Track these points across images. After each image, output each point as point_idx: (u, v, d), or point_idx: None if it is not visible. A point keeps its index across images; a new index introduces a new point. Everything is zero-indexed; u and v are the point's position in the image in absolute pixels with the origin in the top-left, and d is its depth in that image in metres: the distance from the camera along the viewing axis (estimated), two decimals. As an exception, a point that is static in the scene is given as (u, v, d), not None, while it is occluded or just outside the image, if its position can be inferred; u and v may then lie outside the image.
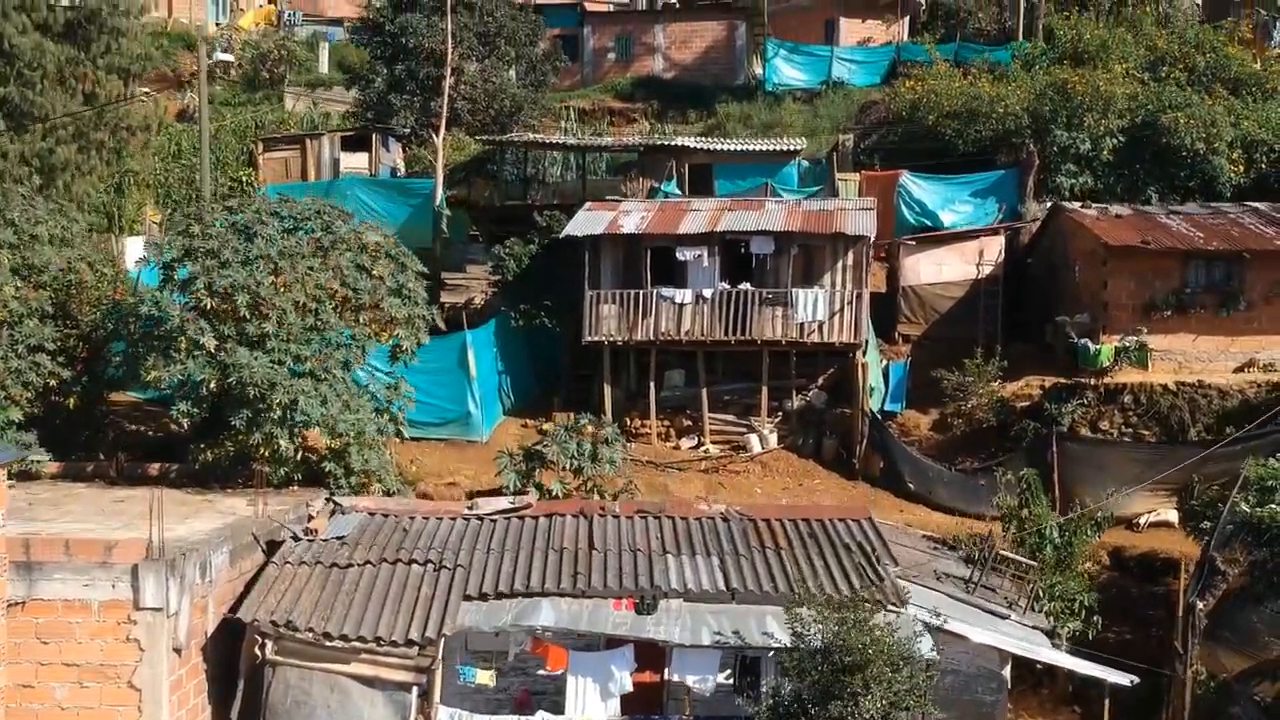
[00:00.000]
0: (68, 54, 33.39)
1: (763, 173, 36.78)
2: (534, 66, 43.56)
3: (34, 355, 21.92)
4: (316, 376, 21.13)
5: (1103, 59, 37.51)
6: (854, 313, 26.81)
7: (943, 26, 57.64)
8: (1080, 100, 33.46)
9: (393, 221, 37.06)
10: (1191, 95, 33.98)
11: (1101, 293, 26.86)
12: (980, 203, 34.19)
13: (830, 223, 27.04)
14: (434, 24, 40.08)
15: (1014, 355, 28.92)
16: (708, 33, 53.80)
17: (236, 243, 21.50)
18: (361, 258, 22.75)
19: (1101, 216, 28.42)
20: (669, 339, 27.29)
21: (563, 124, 44.41)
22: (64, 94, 33.49)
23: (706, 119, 49.54)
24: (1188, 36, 38.12)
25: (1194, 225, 27.50)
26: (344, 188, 37.60)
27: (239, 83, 58.30)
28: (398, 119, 40.30)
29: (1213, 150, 32.78)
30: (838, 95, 49.54)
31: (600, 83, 53.67)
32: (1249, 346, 26.51)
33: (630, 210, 28.88)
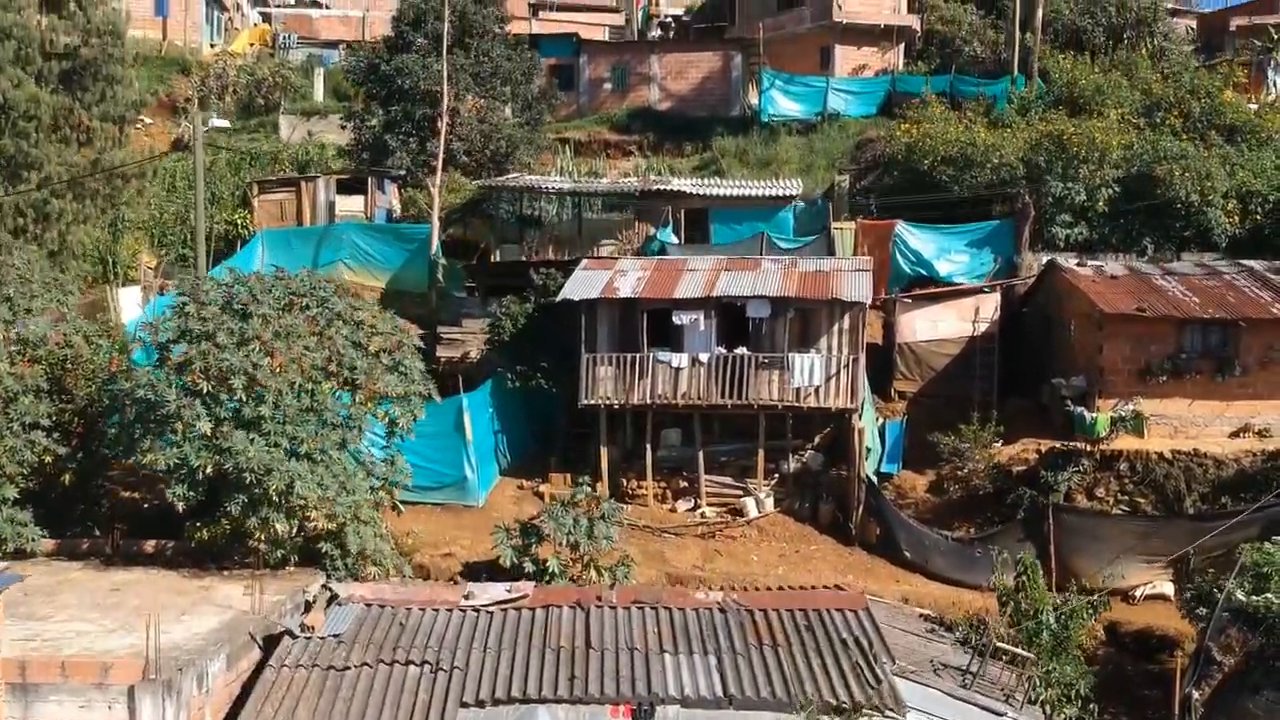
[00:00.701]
0: (62, 104, 33.37)
1: (759, 217, 36.85)
2: (530, 105, 43.53)
3: (29, 433, 21.92)
4: (313, 459, 21.08)
5: (1098, 103, 37.55)
6: (850, 377, 26.84)
7: (938, 55, 57.67)
8: (1076, 151, 33.49)
9: (389, 266, 37.37)
10: (1187, 145, 34.01)
11: (1097, 357, 26.90)
12: (976, 253, 34.25)
13: (827, 287, 27.05)
14: (429, 65, 40.07)
15: (1010, 414, 29.02)
16: (704, 63, 53.84)
17: (232, 323, 21.45)
18: (358, 334, 22.69)
19: (1097, 277, 28.45)
20: (666, 402, 27.31)
21: (559, 161, 44.35)
22: (59, 144, 33.47)
23: (702, 152, 49.63)
24: (1183, 80, 38.10)
25: (1190, 289, 27.53)
26: (339, 232, 37.71)
27: (234, 111, 58.32)
28: (393, 159, 40.27)
29: (1207, 202, 32.91)
30: (833, 128, 49.63)
31: (596, 113, 53.68)
32: (1244, 411, 26.57)
33: (626, 270, 28.87)
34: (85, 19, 33.23)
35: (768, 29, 60.49)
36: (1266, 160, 34.76)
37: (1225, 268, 29.43)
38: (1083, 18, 49.40)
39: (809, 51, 59.00)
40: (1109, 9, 49.30)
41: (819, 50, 58.86)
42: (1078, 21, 49.36)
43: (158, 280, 37.37)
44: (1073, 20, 49.40)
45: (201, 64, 61.57)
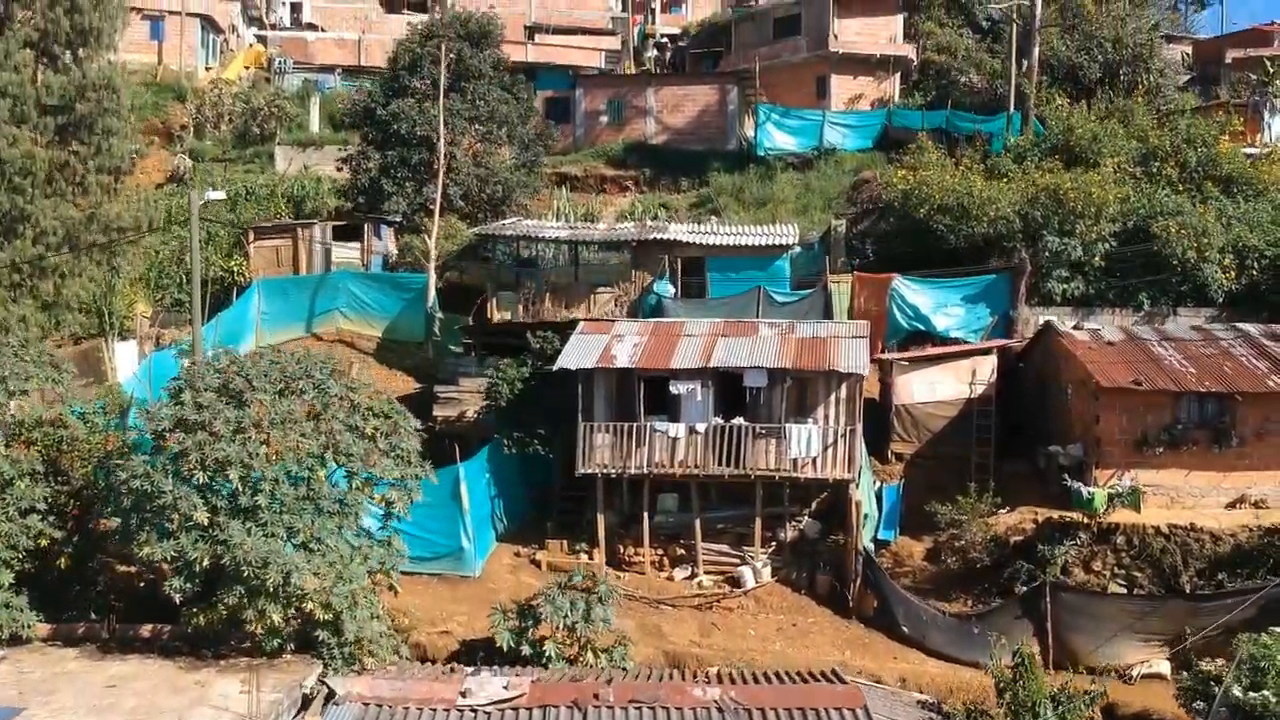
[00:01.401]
0: (58, 158, 33.29)
1: (756, 265, 36.77)
2: (526, 146, 43.46)
3: (26, 517, 21.88)
4: (309, 548, 21.05)
5: (1094, 152, 37.55)
6: (847, 447, 26.84)
7: (934, 86, 57.74)
8: (1072, 206, 33.49)
9: (385, 314, 37.39)
10: (1183, 200, 34.04)
11: (1094, 427, 26.91)
12: (972, 307, 34.26)
13: (824, 357, 27.05)
14: (425, 110, 40.03)
15: (1007, 477, 29.07)
16: (700, 96, 53.88)
17: (228, 411, 21.39)
18: (354, 417, 22.63)
19: (1094, 343, 28.45)
20: (663, 471, 27.32)
21: (555, 202, 44.32)
22: (55, 197, 33.38)
23: (699, 188, 49.63)
24: (1179, 128, 38.11)
25: (1186, 357, 27.55)
26: (336, 281, 37.71)
27: (230, 139, 58.26)
28: (390, 203, 40.23)
29: (1204, 259, 32.93)
30: (830, 165, 49.70)
31: (592, 145, 53.71)
32: (1241, 482, 26.59)
33: (623, 335, 28.85)
34: (81, 74, 33.10)
35: (763, 57, 60.55)
36: (1262, 213, 34.78)
37: (1222, 332, 29.42)
38: (1079, 54, 49.41)
39: (805, 81, 59.10)
40: (1105, 45, 49.31)
41: (815, 79, 58.98)
42: (1074, 58, 49.35)
43: (154, 329, 37.29)
44: (1069, 57, 49.39)
45: (196, 91, 61.56)
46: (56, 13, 32.67)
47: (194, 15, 69.71)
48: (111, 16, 33.82)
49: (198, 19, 69.95)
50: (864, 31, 58.61)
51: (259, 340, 37.17)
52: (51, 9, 32.71)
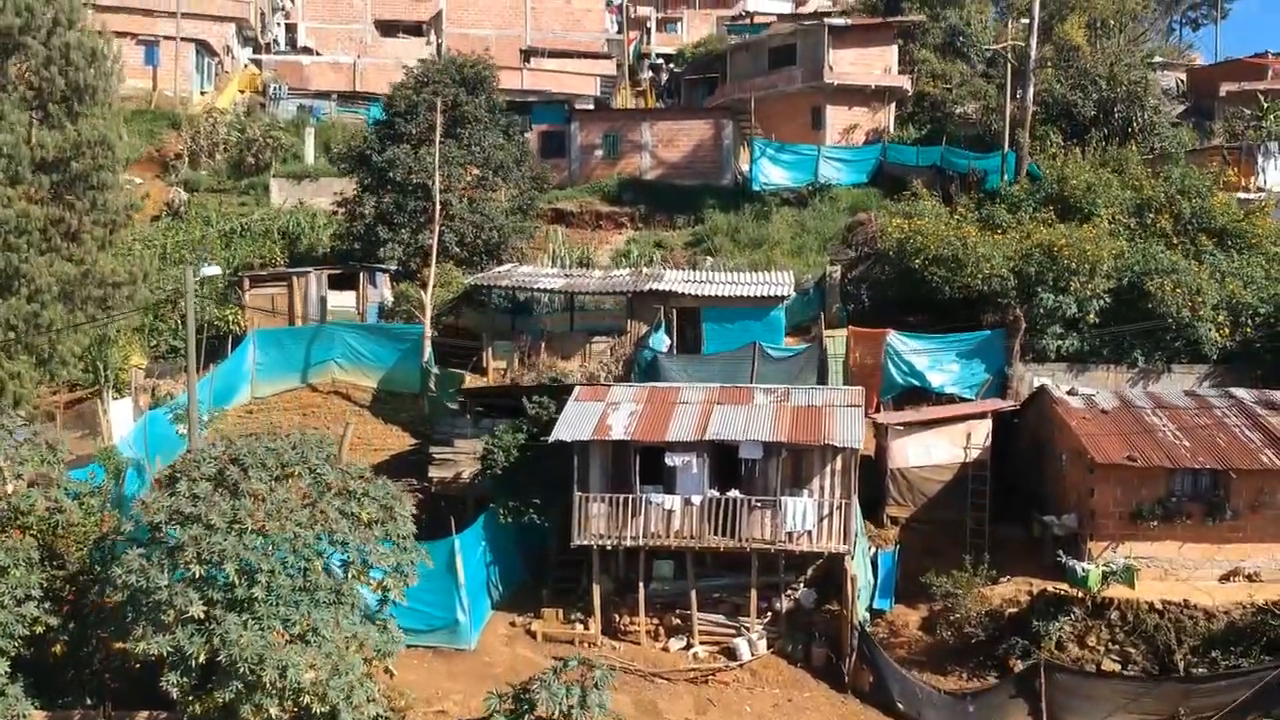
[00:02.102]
0: (53, 214, 33.20)
1: (752, 316, 36.93)
2: (522, 190, 43.46)
3: (22, 605, 21.87)
4: (306, 640, 21.06)
5: (1088, 202, 37.63)
6: (843, 519, 26.90)
7: (929, 118, 57.86)
8: (1067, 263, 33.55)
9: (381, 365, 37.44)
10: (1177, 258, 34.10)
11: (1088, 499, 26.98)
12: (967, 363, 34.38)
13: (819, 430, 27.09)
14: (421, 157, 40.03)
15: (1002, 541, 29.11)
16: (695, 131, 53.98)
17: (224, 503, 21.39)
18: (350, 504, 22.63)
19: (1088, 413, 28.50)
20: (659, 542, 27.37)
21: (551, 245, 44.34)
22: (50, 254, 33.30)
23: (694, 225, 49.68)
24: (1173, 177, 38.18)
25: (1181, 428, 27.61)
26: (331, 332, 37.77)
27: (224, 169, 58.24)
28: (386, 249, 40.22)
29: (1198, 317, 33.01)
30: (825, 203, 49.77)
31: (588, 179, 53.79)
32: (1235, 555, 26.69)
33: (619, 402, 28.88)
34: (76, 131, 33.01)
35: (758, 87, 60.72)
36: (1256, 268, 34.86)
37: (1216, 399, 29.48)
38: (1073, 91, 49.47)
39: (800, 111, 59.23)
40: (1099, 83, 49.37)
41: (810, 110, 59.12)
42: (1068, 95, 49.41)
43: (149, 380, 37.25)
44: (1063, 94, 49.46)
45: (191, 119, 61.52)
46: (51, 71, 32.54)
47: (189, 40, 69.72)
48: (106, 74, 33.70)
49: (192, 44, 69.95)
50: (859, 62, 58.73)
51: (254, 392, 37.22)
52: (46, 67, 32.58)
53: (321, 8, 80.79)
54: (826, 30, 58.44)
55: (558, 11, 78.81)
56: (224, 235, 49.99)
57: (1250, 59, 60.39)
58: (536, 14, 78.47)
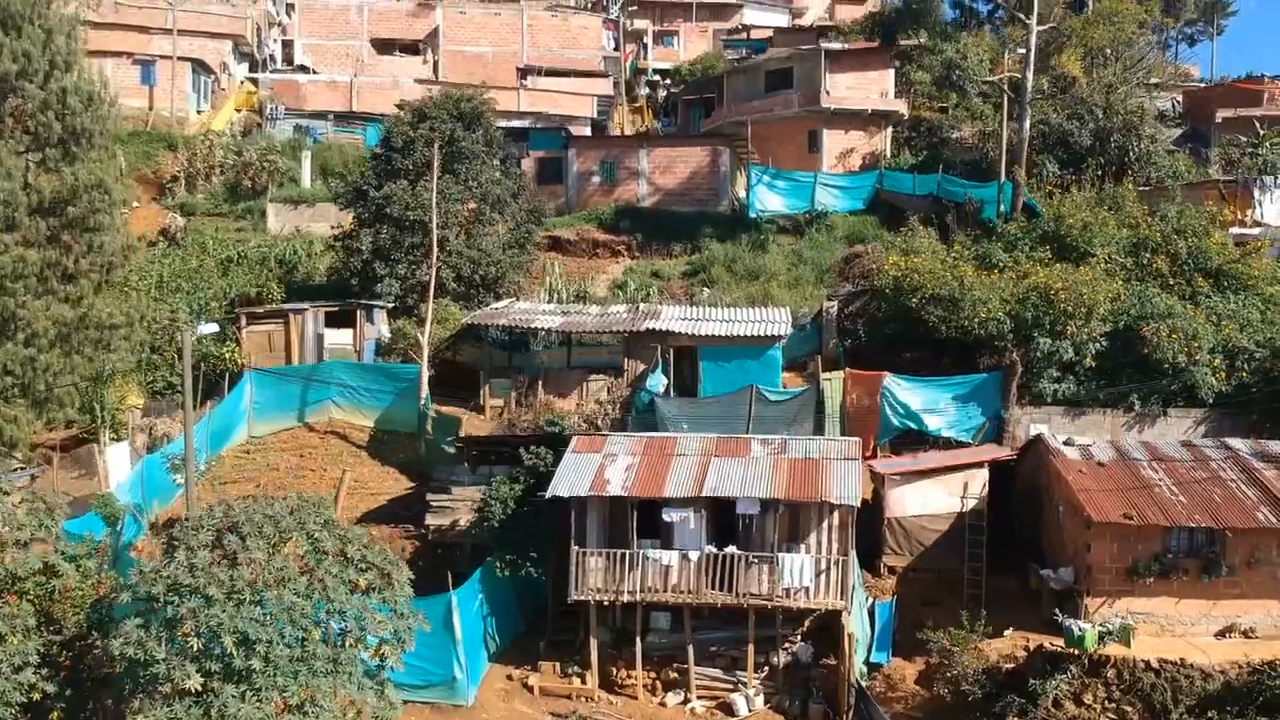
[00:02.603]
0: (50, 258, 33.18)
1: (749, 355, 36.92)
2: (519, 223, 43.44)
3: (19, 674, 21.83)
4: (304, 710, 21.07)
5: (1085, 241, 37.68)
6: (840, 574, 26.94)
7: (925, 143, 57.92)
8: (1064, 307, 33.59)
9: (378, 404, 37.43)
10: (1173, 301, 34.14)
11: (1085, 554, 27.05)
12: (964, 406, 34.44)
13: (816, 486, 27.10)
14: (418, 194, 40.01)
15: (999, 594, 29.21)
16: (692, 158, 54.01)
17: (221, 573, 21.38)
18: (348, 570, 22.63)
19: (1085, 466, 28.55)
20: (655, 598, 27.39)
21: (548, 279, 44.33)
22: (47, 297, 33.27)
23: (691, 254, 49.71)
24: (1169, 216, 38.22)
25: (1177, 483, 27.65)
26: (328, 371, 37.72)
27: (221, 192, 58.22)
28: (383, 285, 40.20)
29: (1194, 362, 33.07)
30: (821, 232, 49.81)
31: (584, 206, 53.82)
32: (1230, 610, 26.76)
33: (616, 454, 28.91)
34: (73, 176, 32.99)
35: (755, 110, 60.81)
36: (1252, 310, 34.92)
37: (1212, 450, 29.50)
38: (1070, 121, 49.56)
39: (797, 135, 59.34)
40: (1096, 112, 49.47)
41: (807, 134, 59.24)
42: (1064, 125, 49.51)
43: (146, 420, 37.22)
44: (1060, 123, 49.55)
45: (188, 140, 61.49)
46: (48, 116, 32.53)
47: (185, 60, 69.70)
48: (103, 118, 33.67)
49: (189, 63, 69.93)
50: (855, 86, 58.83)
51: (251, 431, 37.20)
52: (43, 112, 32.57)
53: (318, 25, 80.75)
54: (823, 54, 58.49)
55: (555, 29, 78.76)
56: (220, 264, 50.01)
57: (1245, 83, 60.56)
58: (533, 31, 78.40)
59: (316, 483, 34.28)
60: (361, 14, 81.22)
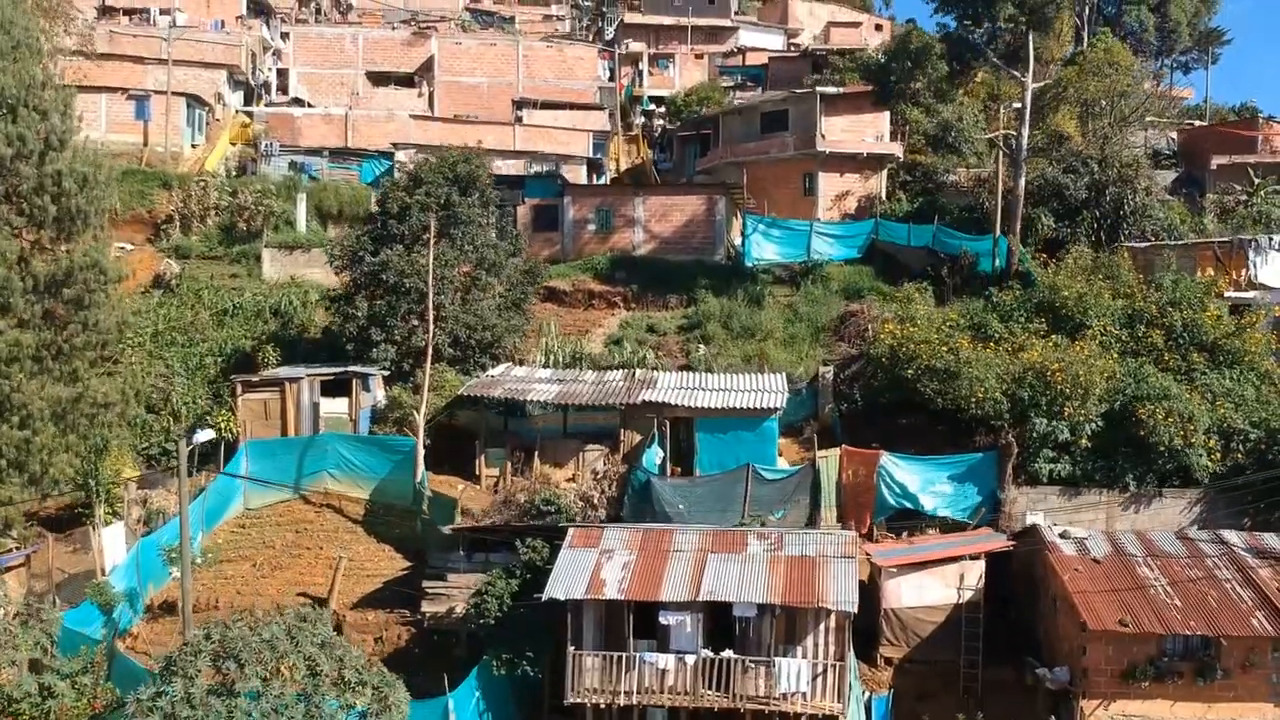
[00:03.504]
0: (44, 338, 33.17)
1: (745, 426, 36.92)
2: (514, 284, 43.39)
3: (13, 799, 21.94)
4: (304, 844, 21.13)
5: (1080, 312, 37.73)
6: (836, 678, 26.98)
7: (920, 188, 57.96)
8: (1060, 389, 33.63)
9: (374, 475, 37.45)
10: (1169, 382, 34.16)
11: (1080, 656, 27.11)
12: (960, 486, 34.47)
13: (812, 590, 27.13)
14: (414, 261, 39.97)
15: (996, 687, 29.32)
16: (687, 206, 53.97)
17: (219, 705, 21.39)
18: (346, 694, 22.66)
19: (1080, 562, 28.65)
20: (653, 698, 27.41)
21: (544, 339, 44.29)
22: (42, 376, 33.24)
23: (686, 305, 49.71)
24: (1165, 286, 38.27)
25: (1172, 583, 27.74)
26: (324, 442, 37.70)
27: (216, 234, 58.09)
28: (379, 350, 40.15)
29: (1189, 444, 33.12)
30: (817, 285, 49.80)
31: (580, 253, 53.80)
32: (1226, 713, 26.89)
33: (613, 550, 28.93)
34: (68, 258, 32.98)
35: (750, 152, 60.83)
36: (1247, 387, 34.97)
37: (1207, 545, 29.59)
38: (1065, 174, 49.63)
39: (792, 177, 59.39)
40: (1091, 165, 49.53)
41: (802, 176, 59.31)
42: (1060, 178, 49.57)
43: (142, 493, 37.16)
44: (1055, 176, 49.62)
45: (183, 180, 61.31)
46: (44, 199, 32.51)
47: (180, 94, 69.59)
48: (98, 199, 33.64)
49: (183, 98, 69.83)
50: (850, 129, 58.88)
51: (247, 503, 37.17)
52: (39, 194, 32.55)
53: (313, 54, 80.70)
54: (819, 98, 58.50)
55: (550, 60, 78.81)
56: (216, 315, 49.98)
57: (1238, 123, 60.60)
58: (529, 62, 78.44)
59: (312, 562, 34.25)
60: (356, 43, 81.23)
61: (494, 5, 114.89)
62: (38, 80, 33.17)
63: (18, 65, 33.11)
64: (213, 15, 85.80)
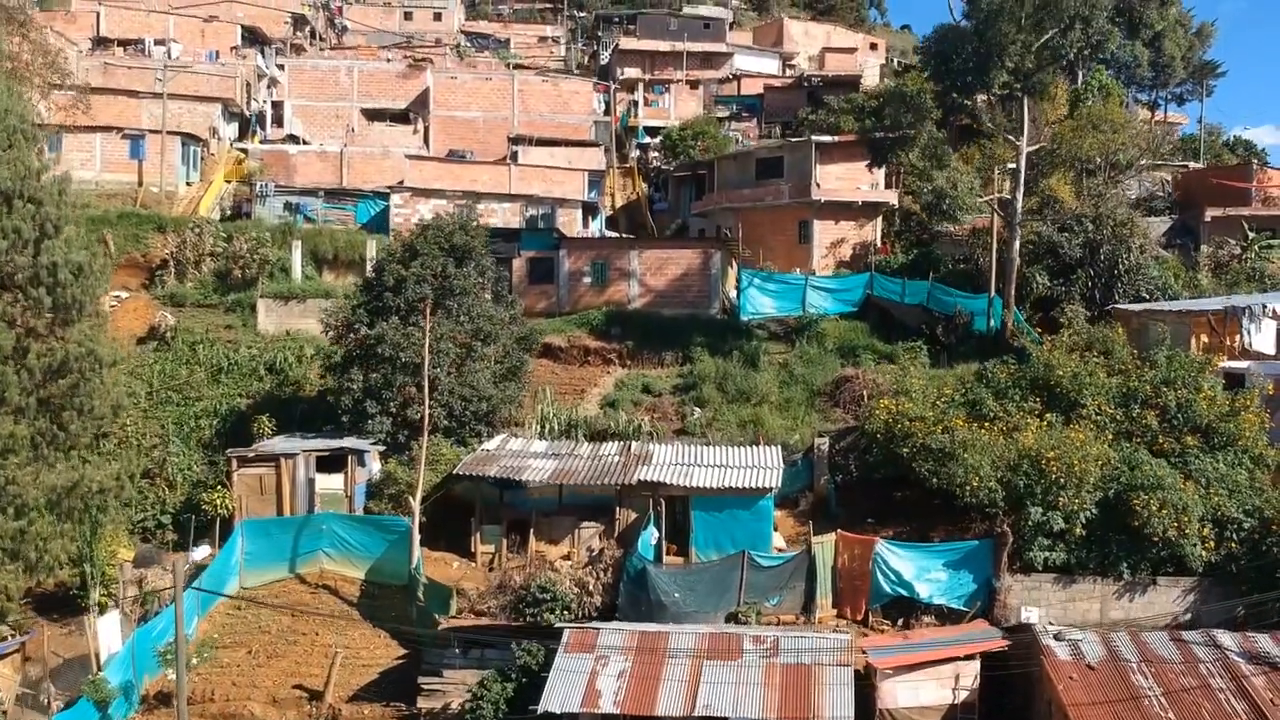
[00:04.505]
0: (39, 427, 33.12)
1: (740, 505, 37.04)
2: (508, 353, 43.38)
3: None
4: None
5: (1075, 389, 37.80)
6: (833, 789, 27.09)
7: (915, 239, 58.13)
8: (1055, 478, 33.72)
9: (369, 555, 37.51)
10: (1164, 471, 34.21)
11: (1076, 771, 27.20)
12: (955, 574, 34.54)
13: (808, 704, 27.20)
14: (410, 334, 39.97)
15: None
16: (682, 260, 54.11)
17: None
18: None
19: (1074, 668, 28.65)
20: (650, 809, 27.56)
21: (540, 407, 44.33)
22: (38, 463, 33.20)
23: (681, 363, 49.82)
24: (1159, 363, 38.35)
25: (1166, 694, 27.69)
26: (319, 522, 37.75)
27: (211, 281, 58.15)
28: (374, 423, 40.18)
29: (1184, 535, 33.23)
30: (812, 343, 49.95)
31: (575, 306, 53.99)
32: (1219, 827, 26.93)
33: (608, 655, 28.97)
34: (64, 350, 32.91)
35: (746, 199, 61.05)
36: (1240, 473, 35.04)
37: (1201, 649, 29.59)
38: (1060, 233, 49.77)
39: (787, 225, 59.65)
40: (1085, 223, 49.67)
41: (797, 224, 59.62)
42: (1054, 237, 49.71)
43: (137, 572, 37.13)
44: (1050, 235, 49.76)
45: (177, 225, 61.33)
46: (39, 291, 32.45)
47: (174, 134, 69.64)
48: (92, 288, 33.60)
49: (178, 137, 69.88)
50: (845, 177, 59.12)
51: (242, 582, 37.17)
52: (34, 286, 32.48)
53: (308, 86, 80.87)
54: (813, 146, 58.68)
55: (545, 94, 78.91)
56: (211, 372, 50.00)
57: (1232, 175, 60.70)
58: (524, 96, 78.56)
59: (308, 649, 34.26)
60: (352, 75, 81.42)
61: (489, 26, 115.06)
62: (33, 170, 33.08)
63: (13, 154, 33.05)
64: (207, 46, 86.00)
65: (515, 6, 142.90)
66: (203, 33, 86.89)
